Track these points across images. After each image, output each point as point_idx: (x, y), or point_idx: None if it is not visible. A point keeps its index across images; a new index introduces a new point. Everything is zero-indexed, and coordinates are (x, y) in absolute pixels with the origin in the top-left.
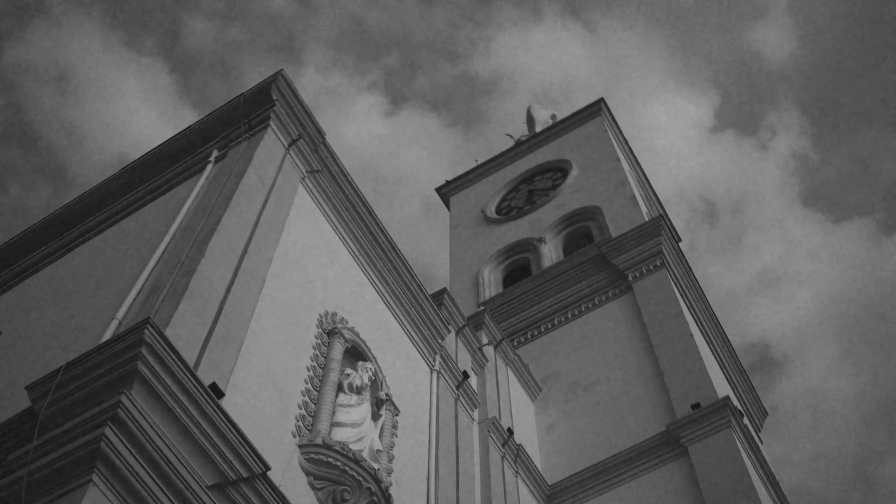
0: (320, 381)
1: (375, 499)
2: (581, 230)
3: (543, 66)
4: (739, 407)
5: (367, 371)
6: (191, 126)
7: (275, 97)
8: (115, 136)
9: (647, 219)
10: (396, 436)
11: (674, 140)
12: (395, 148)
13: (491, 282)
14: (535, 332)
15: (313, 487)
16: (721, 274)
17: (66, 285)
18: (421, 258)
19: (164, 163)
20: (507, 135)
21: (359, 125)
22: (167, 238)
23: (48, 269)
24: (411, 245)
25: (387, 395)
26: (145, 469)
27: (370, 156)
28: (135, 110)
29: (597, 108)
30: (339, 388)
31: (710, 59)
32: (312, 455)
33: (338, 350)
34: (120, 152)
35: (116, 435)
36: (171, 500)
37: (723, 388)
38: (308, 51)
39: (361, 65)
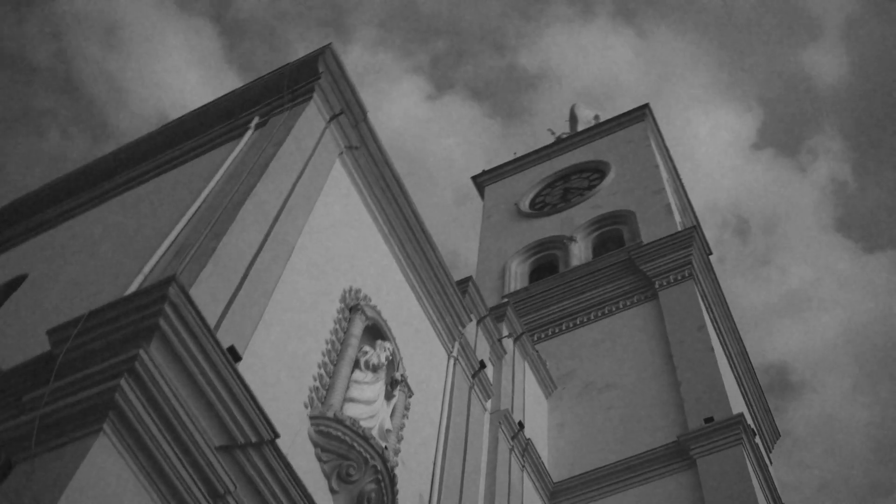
0: (338, 355)
1: (380, 477)
2: (612, 233)
3: (590, 67)
4: (753, 426)
5: (384, 350)
6: (234, 91)
7: (321, 70)
8: (157, 94)
9: (679, 228)
10: (407, 417)
11: (713, 152)
12: (434, 132)
13: (517, 275)
14: (557, 330)
15: (320, 460)
16: (747, 291)
17: (96, 236)
18: (448, 244)
19: (204, 124)
20: (548, 130)
21: (400, 106)
22: (200, 199)
23: (80, 218)
24: (440, 230)
25: (402, 376)
26: (156, 424)
27: (408, 137)
28: (179, 70)
29: (641, 113)
30: (356, 365)
31: (758, 76)
32: (322, 428)
33: (358, 326)
34: (161, 110)
35: (131, 387)
36: (178, 457)
37: (738, 405)
38: (357, 27)
39: (409, 47)
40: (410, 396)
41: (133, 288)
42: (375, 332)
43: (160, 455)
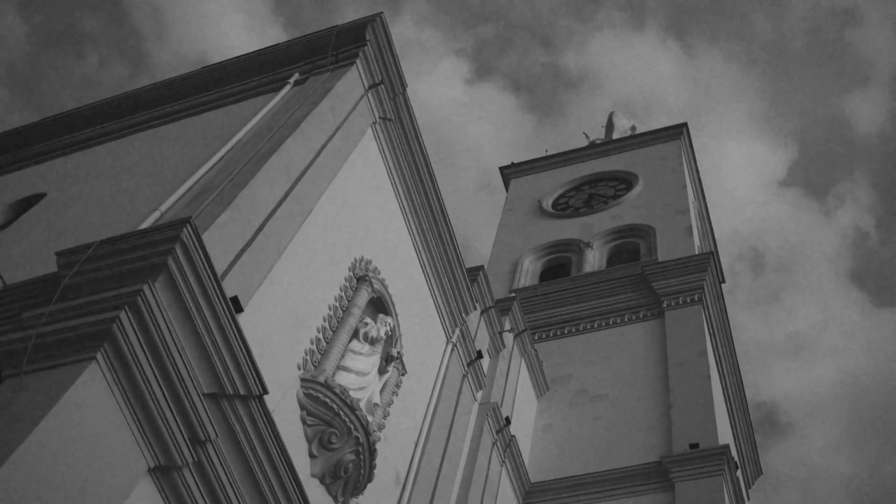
0: (338, 322)
1: (361, 449)
2: (629, 245)
3: (633, 77)
4: (736, 458)
5: (385, 325)
6: (278, 44)
7: (368, 37)
8: (200, 35)
9: (697, 252)
10: (397, 395)
11: (741, 182)
12: (467, 117)
13: (529, 272)
14: (558, 332)
15: (304, 422)
16: (751, 325)
17: (119, 166)
18: (463, 229)
19: (244, 73)
20: (583, 133)
21: (438, 85)
22: (228, 146)
23: (107, 146)
24: (457, 214)
25: (398, 353)
26: (149, 361)
27: (441, 117)
28: (226, 14)
29: (678, 132)
30: (355, 335)
31: (798, 113)
32: (311, 391)
33: (363, 297)
34: (200, 51)
35: (130, 321)
36: (165, 397)
37: (725, 436)
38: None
39: (457, 28)
40: (403, 374)
41: (148, 223)
42: (379, 305)
43: (148, 392)
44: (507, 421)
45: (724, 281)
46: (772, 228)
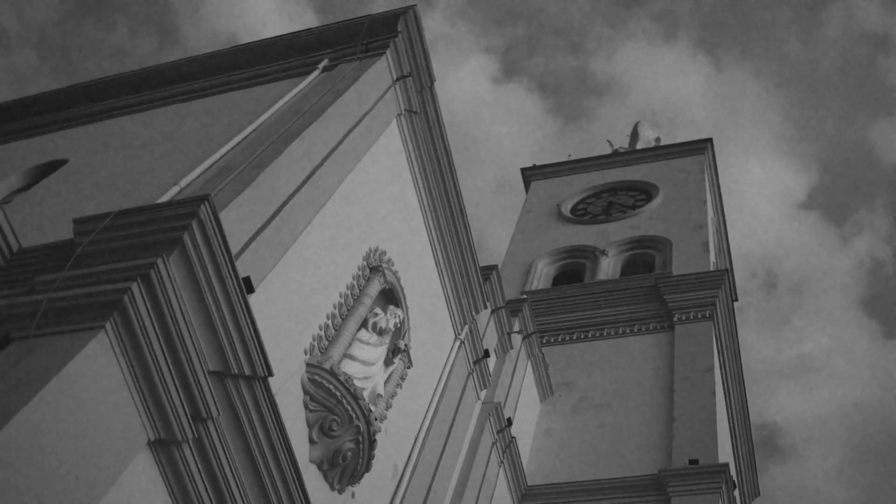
0: (348, 310)
1: (361, 439)
2: (644, 257)
3: (660, 88)
4: (735, 478)
5: (395, 316)
6: (310, 29)
7: (400, 29)
8: (231, 13)
9: (712, 268)
10: (401, 388)
11: (761, 201)
12: (491, 116)
13: (542, 275)
14: (567, 338)
15: (307, 408)
16: (759, 346)
17: (142, 138)
18: (479, 228)
19: (274, 55)
20: (607, 140)
21: (465, 81)
22: (252, 126)
23: (131, 118)
24: (475, 213)
25: (406, 345)
26: (157, 334)
27: (465, 114)
28: None
29: (702, 147)
30: (363, 324)
31: (823, 137)
32: (316, 377)
33: (375, 287)
34: (232, 30)
35: (141, 293)
36: (170, 370)
37: (725, 455)
38: None
39: (488, 25)
40: (409, 368)
41: (166, 198)
42: (390, 296)
43: (153, 365)
44: (509, 422)
45: (736, 299)
46: (788, 250)
